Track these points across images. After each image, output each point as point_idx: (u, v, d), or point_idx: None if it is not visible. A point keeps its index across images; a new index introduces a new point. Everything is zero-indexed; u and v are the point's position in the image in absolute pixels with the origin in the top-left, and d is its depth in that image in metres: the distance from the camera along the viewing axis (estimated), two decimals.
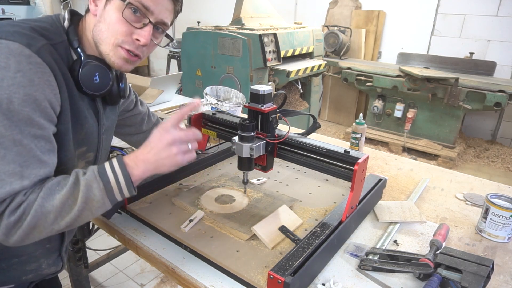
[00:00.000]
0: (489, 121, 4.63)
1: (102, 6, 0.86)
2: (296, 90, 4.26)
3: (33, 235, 0.74)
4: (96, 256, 2.12)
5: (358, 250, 1.00)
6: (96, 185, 0.78)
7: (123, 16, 0.85)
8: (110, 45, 0.87)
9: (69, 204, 0.76)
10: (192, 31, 3.88)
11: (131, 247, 1.09)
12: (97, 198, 0.78)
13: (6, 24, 0.79)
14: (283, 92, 1.19)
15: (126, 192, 0.82)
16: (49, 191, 0.75)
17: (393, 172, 1.55)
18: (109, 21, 0.85)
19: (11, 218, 0.71)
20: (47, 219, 0.74)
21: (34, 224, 0.73)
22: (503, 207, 1.06)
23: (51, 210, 0.74)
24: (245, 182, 1.19)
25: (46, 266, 0.98)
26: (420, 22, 4.78)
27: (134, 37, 0.87)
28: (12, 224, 0.72)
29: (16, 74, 0.72)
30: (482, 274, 0.84)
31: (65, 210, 0.75)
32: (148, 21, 0.87)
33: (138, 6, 0.85)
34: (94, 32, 0.88)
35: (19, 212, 0.72)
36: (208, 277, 0.92)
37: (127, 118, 1.24)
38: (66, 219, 0.76)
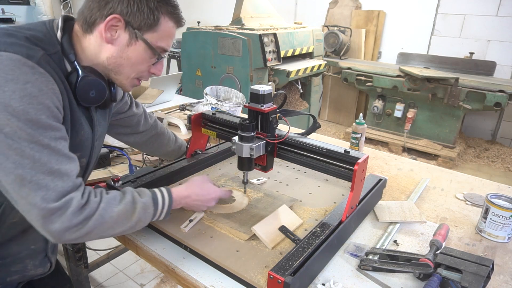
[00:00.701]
0: (489, 121, 4.63)
1: (124, 42, 0.88)
2: (296, 90, 4.26)
3: (84, 238, 0.80)
4: (96, 256, 2.12)
5: (358, 250, 1.00)
6: (150, 211, 0.91)
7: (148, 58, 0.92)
8: (129, 79, 0.95)
9: (125, 219, 0.86)
10: (192, 31, 3.88)
11: (131, 247, 1.09)
12: (145, 220, 0.91)
13: (2, 34, 0.80)
14: (283, 92, 1.19)
15: (163, 216, 0.97)
16: (108, 203, 0.84)
17: (393, 172, 1.55)
18: (134, 61, 0.91)
19: (74, 220, 0.77)
20: (102, 227, 0.82)
21: (91, 230, 0.80)
22: (503, 207, 1.06)
23: (109, 221, 0.82)
24: (245, 182, 1.19)
25: (32, 267, 0.98)
26: (420, 22, 4.78)
27: (150, 71, 0.97)
28: (73, 225, 0.77)
29: (26, 85, 0.74)
30: (482, 274, 0.84)
31: (120, 223, 0.85)
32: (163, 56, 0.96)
33: (162, 51, 0.94)
34: (110, 62, 0.91)
35: (82, 217, 0.78)
36: (208, 277, 0.92)
37: (122, 120, 1.24)
38: (117, 231, 0.86)
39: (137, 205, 0.88)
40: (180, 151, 1.45)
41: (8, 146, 0.73)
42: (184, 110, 2.26)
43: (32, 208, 0.74)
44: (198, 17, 6.18)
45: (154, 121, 1.37)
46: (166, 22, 0.90)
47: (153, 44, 0.90)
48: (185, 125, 1.89)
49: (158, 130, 1.37)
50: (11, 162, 0.73)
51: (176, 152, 1.45)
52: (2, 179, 0.75)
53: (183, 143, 1.48)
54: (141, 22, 0.87)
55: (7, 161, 0.73)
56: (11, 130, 0.72)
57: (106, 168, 1.48)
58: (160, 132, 1.38)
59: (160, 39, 0.91)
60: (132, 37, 0.88)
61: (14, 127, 0.72)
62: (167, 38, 0.93)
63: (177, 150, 1.44)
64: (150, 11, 0.86)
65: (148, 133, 1.34)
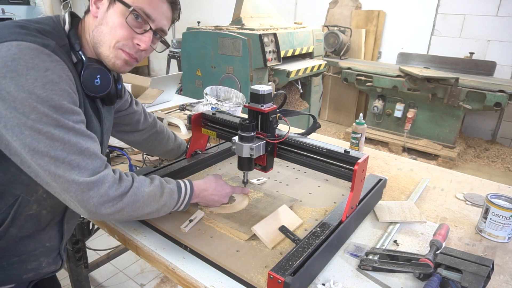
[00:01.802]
0: (489, 121, 4.64)
1: (104, 9, 0.89)
2: (296, 90, 4.26)
3: (117, 215, 0.85)
4: (96, 256, 2.12)
5: (358, 250, 1.00)
6: (174, 196, 0.98)
7: (126, 21, 0.89)
8: (111, 48, 0.91)
9: (153, 200, 0.92)
10: (192, 31, 3.88)
11: (131, 247, 1.09)
12: (170, 205, 0.97)
13: (13, 25, 0.81)
14: (283, 92, 1.19)
15: (182, 207, 1.03)
16: (140, 183, 0.91)
17: (393, 172, 1.55)
18: (111, 25, 0.89)
19: (111, 194, 0.82)
20: (135, 205, 0.87)
21: (125, 206, 0.85)
22: (503, 207, 1.06)
23: (140, 199, 0.88)
24: (245, 182, 1.19)
25: (46, 265, 0.99)
26: (420, 22, 4.78)
27: (135, 41, 0.92)
28: (111, 199, 0.82)
29: (46, 73, 0.77)
30: (482, 274, 0.84)
31: (149, 201, 0.90)
32: (149, 27, 0.92)
33: (141, 13, 0.89)
34: (95, 33, 0.91)
35: (119, 192, 0.84)
36: (208, 277, 0.92)
37: (122, 117, 1.25)
38: (146, 211, 0.91)
39: (165, 190, 0.95)
40: (179, 150, 1.46)
41: (37, 131, 0.76)
42: (184, 110, 2.26)
43: (71, 185, 0.78)
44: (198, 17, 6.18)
45: (153, 119, 1.38)
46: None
47: (129, 3, 0.88)
48: (185, 125, 1.89)
49: (157, 128, 1.38)
50: (44, 145, 0.76)
51: (175, 151, 1.45)
52: (35, 162, 0.77)
53: (182, 142, 1.48)
54: None
55: (40, 144, 0.76)
56: (37, 117, 0.75)
57: None
58: (160, 130, 1.39)
59: (138, 1, 0.89)
60: (111, 2, 0.88)
61: (40, 114, 0.76)
62: (148, 4, 0.90)
63: (176, 149, 1.45)
64: None
65: (147, 131, 1.35)
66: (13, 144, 0.77)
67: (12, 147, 0.78)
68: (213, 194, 1.11)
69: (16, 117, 0.75)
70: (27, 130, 0.75)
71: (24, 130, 0.75)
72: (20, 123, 0.75)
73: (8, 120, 0.75)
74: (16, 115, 0.74)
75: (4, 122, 0.75)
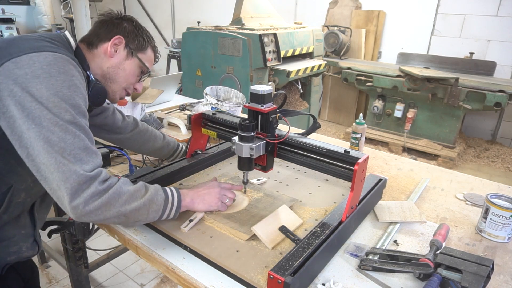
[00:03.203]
0: (489, 121, 4.64)
1: (122, 57, 1.12)
2: (296, 90, 4.26)
3: (102, 210, 0.88)
4: (96, 256, 2.12)
5: (358, 250, 1.00)
6: (161, 193, 1.01)
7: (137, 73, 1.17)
8: (120, 87, 1.16)
9: (138, 195, 0.95)
10: (192, 31, 3.88)
11: (131, 247, 1.09)
12: (158, 202, 0.99)
13: (40, 39, 0.96)
14: (283, 92, 1.19)
15: (174, 211, 1.04)
16: (125, 182, 0.95)
17: (393, 172, 1.55)
18: (128, 72, 1.14)
19: (100, 186, 0.87)
20: (120, 199, 0.90)
21: (110, 199, 0.88)
22: (503, 207, 1.06)
23: (126, 192, 0.92)
24: (245, 182, 1.19)
25: (26, 249, 1.10)
26: (420, 22, 4.78)
27: (135, 86, 1.20)
28: (98, 192, 0.86)
29: (72, 78, 0.92)
30: (482, 274, 0.84)
31: (134, 197, 0.94)
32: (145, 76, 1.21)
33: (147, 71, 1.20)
34: (110, 71, 1.12)
35: (106, 185, 0.89)
36: (208, 277, 0.92)
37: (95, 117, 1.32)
38: (132, 205, 0.93)
39: (149, 188, 1.00)
40: (169, 148, 1.48)
41: (55, 123, 0.85)
42: (184, 110, 2.26)
43: (72, 174, 0.84)
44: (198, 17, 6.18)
45: (133, 119, 1.45)
46: (150, 51, 1.19)
47: (143, 62, 1.16)
48: (185, 125, 1.89)
49: (140, 127, 1.44)
50: (56, 137, 0.85)
51: (165, 149, 1.47)
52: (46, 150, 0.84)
53: (171, 140, 1.51)
54: (136, 45, 1.14)
55: (53, 135, 0.85)
56: (58, 111, 0.86)
57: (106, 168, 1.48)
58: (143, 129, 1.45)
59: (146, 61, 1.18)
60: (129, 54, 1.13)
61: (62, 109, 0.87)
62: (150, 63, 1.20)
63: (166, 146, 1.47)
64: (143, 40, 1.15)
65: (130, 130, 1.41)
66: (25, 135, 0.84)
67: (24, 138, 0.85)
68: (204, 193, 1.13)
69: (40, 108, 0.84)
70: (46, 121, 0.84)
71: (43, 121, 0.84)
72: (41, 115, 0.84)
73: (32, 111, 0.84)
74: (40, 107, 0.84)
75: (27, 112, 0.84)
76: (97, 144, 1.53)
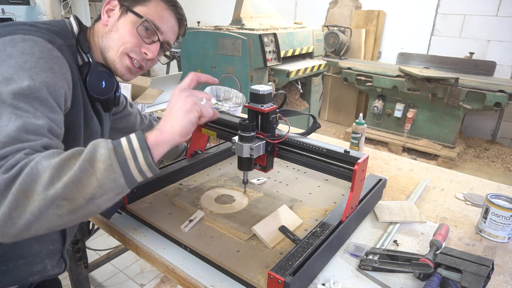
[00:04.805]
0: (489, 121, 4.63)
1: (116, 18, 0.95)
2: (296, 90, 4.26)
3: (21, 207, 0.60)
4: (96, 256, 2.12)
5: (358, 250, 1.00)
6: (104, 144, 0.67)
7: (136, 30, 0.94)
8: (118, 52, 0.96)
9: (69, 163, 0.63)
10: (192, 31, 3.88)
11: (131, 247, 1.09)
12: (103, 157, 0.65)
13: (23, 24, 0.85)
14: (283, 92, 1.19)
15: (140, 156, 0.69)
16: (51, 153, 0.65)
17: (393, 172, 1.55)
18: (122, 32, 0.94)
19: (5, 175, 0.60)
20: (41, 179, 0.61)
21: (26, 185, 0.60)
22: (503, 207, 1.06)
23: (47, 167, 0.62)
24: (245, 182, 1.19)
25: (51, 268, 1.00)
26: (420, 22, 4.78)
27: (142, 50, 0.97)
28: (3, 183, 0.60)
29: (39, 60, 0.77)
30: (482, 274, 0.84)
31: (63, 168, 0.62)
32: (157, 39, 0.97)
33: (151, 25, 0.95)
34: (104, 39, 0.96)
35: (15, 170, 0.61)
36: (208, 277, 0.92)
37: (118, 120, 1.27)
38: (64, 179, 0.61)
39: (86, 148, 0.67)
40: (177, 149, 1.46)
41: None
42: None
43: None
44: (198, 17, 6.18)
45: (149, 121, 1.40)
46: (155, 1, 0.96)
47: (143, 14, 0.94)
48: None
49: None
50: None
51: (173, 151, 1.45)
52: None
53: None
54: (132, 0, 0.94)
55: None
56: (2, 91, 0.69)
57: None
58: None
59: (149, 14, 0.95)
60: (123, 12, 0.94)
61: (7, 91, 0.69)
62: (158, 17, 0.96)
63: (174, 148, 1.45)
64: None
65: None
66: None
67: None
68: (170, 107, 0.79)
69: None
70: None
71: None
72: None
73: None
74: None
75: None
76: None
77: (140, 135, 0.71)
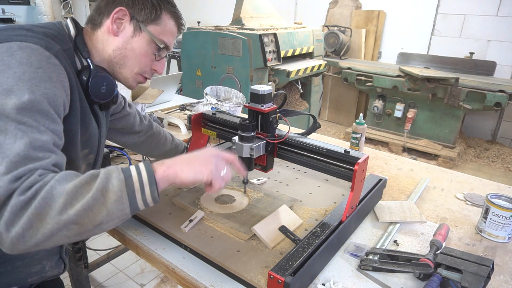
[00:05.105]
0: (489, 121, 4.63)
1: (129, 34, 0.94)
2: (296, 90, 4.26)
3: (34, 228, 0.64)
4: (96, 256, 2.12)
5: (358, 250, 1.00)
6: (116, 174, 0.71)
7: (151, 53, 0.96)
8: (133, 73, 0.99)
9: (84, 190, 0.68)
10: (192, 31, 3.88)
11: (131, 247, 1.09)
12: (114, 188, 0.69)
13: (20, 28, 0.84)
14: (283, 92, 1.19)
15: (148, 190, 0.73)
16: (65, 176, 0.69)
17: (393, 172, 1.55)
18: (138, 53, 0.95)
19: (21, 197, 0.64)
20: (55, 204, 0.65)
21: (41, 209, 0.64)
22: (503, 207, 1.06)
23: (62, 193, 0.66)
24: (245, 182, 1.19)
25: (50, 268, 1.00)
26: (420, 22, 4.78)
27: (153, 67, 1.01)
28: (19, 205, 0.63)
29: (37, 70, 0.76)
30: (482, 274, 0.84)
31: (76, 196, 0.67)
32: (165, 54, 1.01)
33: (164, 46, 0.98)
34: (116, 54, 0.95)
35: (30, 193, 0.64)
36: (208, 277, 0.92)
37: (117, 120, 1.26)
38: (77, 207, 0.66)
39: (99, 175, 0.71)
40: (177, 150, 1.46)
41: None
42: (184, 110, 2.26)
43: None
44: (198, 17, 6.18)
45: (149, 121, 1.39)
46: (167, 19, 0.97)
47: (156, 37, 0.95)
48: (185, 125, 1.89)
49: (154, 130, 1.38)
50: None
51: (174, 152, 1.45)
52: None
53: (180, 142, 1.48)
54: (145, 15, 0.93)
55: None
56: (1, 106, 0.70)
57: None
58: (156, 132, 1.39)
59: (162, 34, 0.96)
60: (136, 29, 0.93)
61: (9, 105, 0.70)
62: (169, 35, 0.98)
63: (174, 149, 1.45)
64: (153, 6, 0.93)
65: (144, 133, 1.36)
66: None
67: None
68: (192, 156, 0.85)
69: None
70: None
71: None
72: None
73: None
74: None
75: None
76: None
77: (149, 168, 0.75)
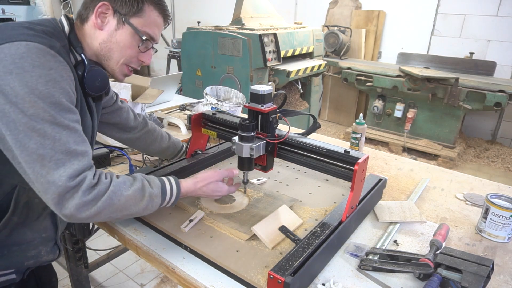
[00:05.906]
0: (489, 121, 4.63)
1: (113, 27, 0.97)
2: (296, 90, 4.26)
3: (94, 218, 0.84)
4: (96, 256, 2.12)
5: (358, 250, 1.00)
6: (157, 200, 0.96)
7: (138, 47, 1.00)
8: (118, 64, 1.01)
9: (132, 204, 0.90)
10: (192, 31, 3.88)
11: (131, 247, 1.09)
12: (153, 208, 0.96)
13: (20, 27, 0.86)
14: (283, 92, 1.19)
15: (172, 202, 1.00)
16: (118, 187, 0.88)
17: (393, 172, 1.55)
18: (122, 45, 0.98)
19: (86, 197, 0.81)
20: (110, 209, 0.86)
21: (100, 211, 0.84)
22: (503, 207, 1.06)
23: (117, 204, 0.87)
24: (245, 182, 1.19)
25: (45, 253, 1.04)
26: (420, 22, 4.78)
27: (139, 58, 1.04)
28: (84, 204, 0.81)
29: (50, 71, 0.81)
30: (482, 274, 0.84)
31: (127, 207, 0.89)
32: (151, 45, 1.03)
33: (149, 38, 1.00)
34: (102, 47, 0.99)
35: (95, 193, 0.83)
36: (208, 277, 0.92)
37: (110, 114, 1.28)
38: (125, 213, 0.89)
39: (145, 193, 0.93)
40: (175, 147, 1.46)
41: (31, 128, 0.78)
42: (184, 110, 2.26)
43: (50, 186, 0.79)
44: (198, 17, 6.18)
45: (143, 118, 1.41)
46: (151, 10, 0.98)
47: (139, 29, 0.97)
48: (185, 125, 1.89)
49: (149, 126, 1.40)
50: (34, 143, 0.78)
51: (171, 149, 1.45)
52: (23, 159, 0.79)
53: (177, 140, 1.49)
54: (127, 8, 0.95)
55: (30, 142, 0.78)
56: (35, 112, 0.78)
57: (106, 168, 1.48)
58: (152, 129, 1.41)
59: (146, 26, 0.99)
60: (119, 22, 0.96)
61: (39, 109, 0.79)
62: (153, 26, 1.00)
63: (172, 146, 1.45)
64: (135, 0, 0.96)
65: (140, 129, 1.37)
66: (5, 139, 0.80)
67: (6, 141, 0.80)
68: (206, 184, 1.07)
69: (15, 111, 0.77)
70: (21, 125, 0.78)
71: (19, 126, 0.78)
72: (16, 118, 0.77)
73: (6, 114, 0.77)
74: (14, 109, 0.77)
75: (1, 115, 0.78)
76: (97, 144, 1.53)
77: (179, 186, 1.01)
